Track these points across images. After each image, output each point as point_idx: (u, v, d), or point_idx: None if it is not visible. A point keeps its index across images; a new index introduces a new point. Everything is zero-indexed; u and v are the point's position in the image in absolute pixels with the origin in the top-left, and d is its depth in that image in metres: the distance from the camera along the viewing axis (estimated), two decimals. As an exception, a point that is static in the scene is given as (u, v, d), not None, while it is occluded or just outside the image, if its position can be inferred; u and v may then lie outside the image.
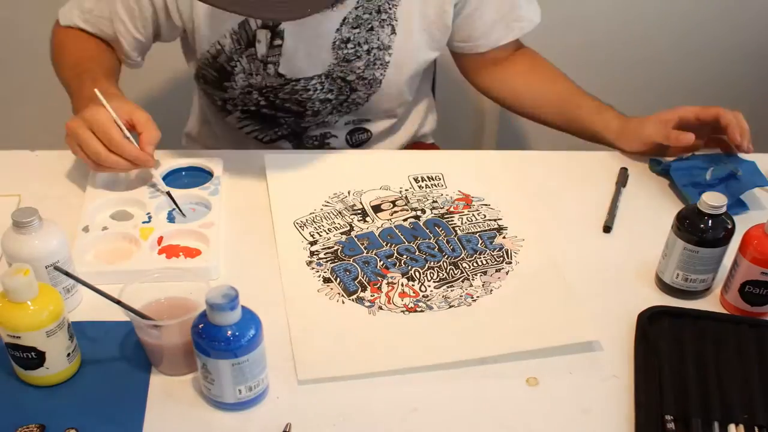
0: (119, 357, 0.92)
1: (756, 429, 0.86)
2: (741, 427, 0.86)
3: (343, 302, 1.00)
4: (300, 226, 1.11)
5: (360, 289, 1.02)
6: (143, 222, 1.09)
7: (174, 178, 1.19)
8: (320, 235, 1.10)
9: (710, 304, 1.03)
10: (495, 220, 1.16)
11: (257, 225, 1.13)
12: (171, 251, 1.06)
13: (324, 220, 1.12)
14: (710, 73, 2.28)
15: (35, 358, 0.85)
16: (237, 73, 1.31)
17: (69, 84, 1.26)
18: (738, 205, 1.17)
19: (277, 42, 1.28)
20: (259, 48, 1.28)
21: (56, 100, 2.22)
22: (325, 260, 1.06)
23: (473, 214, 1.16)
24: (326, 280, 1.03)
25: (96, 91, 1.10)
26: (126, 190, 1.15)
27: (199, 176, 1.20)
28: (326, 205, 1.15)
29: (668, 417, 0.86)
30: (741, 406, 0.88)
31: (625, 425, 0.87)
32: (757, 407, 0.88)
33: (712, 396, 0.89)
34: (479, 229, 1.14)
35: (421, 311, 1.00)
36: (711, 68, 2.28)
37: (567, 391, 0.91)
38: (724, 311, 1.02)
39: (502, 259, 1.09)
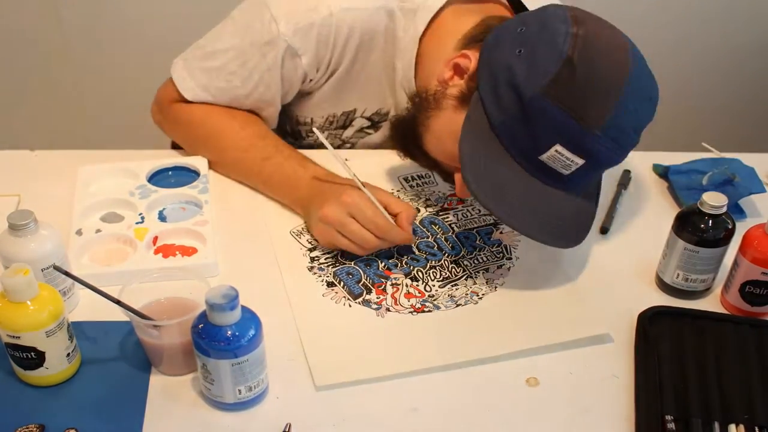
0: (119, 357, 0.92)
1: (756, 429, 0.86)
2: (741, 427, 0.86)
3: (350, 305, 1.00)
4: (296, 235, 1.11)
5: (365, 292, 1.02)
6: (137, 223, 1.09)
7: (161, 178, 1.19)
8: (318, 241, 1.09)
9: (710, 304, 1.03)
10: (490, 214, 1.16)
11: (251, 223, 1.13)
12: (167, 250, 1.06)
13: None
14: (710, 73, 2.28)
15: (35, 358, 0.85)
16: (306, 134, 1.30)
17: (257, 169, 1.17)
18: (735, 211, 1.17)
19: (369, 131, 1.29)
20: (348, 131, 1.29)
21: (56, 100, 2.23)
22: (326, 265, 1.06)
23: (468, 210, 1.17)
24: (330, 284, 1.03)
25: (354, 176, 1.06)
26: (113, 192, 1.15)
27: (185, 175, 1.20)
28: None
29: (668, 417, 0.86)
30: (741, 406, 0.88)
31: (625, 425, 0.87)
32: (758, 407, 0.88)
33: (713, 396, 0.89)
34: (476, 225, 1.14)
35: (429, 311, 1.00)
36: (711, 69, 2.28)
37: (567, 391, 0.91)
38: (725, 311, 1.02)
39: (501, 255, 1.09)
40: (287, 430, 0.84)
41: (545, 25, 0.96)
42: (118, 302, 0.86)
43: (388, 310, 1.00)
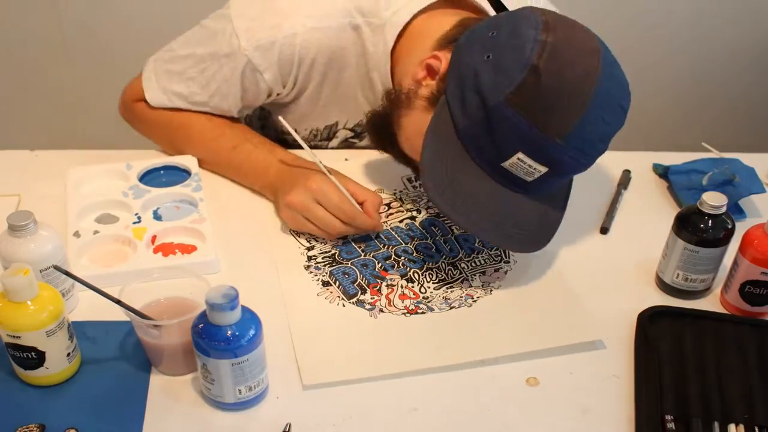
0: (119, 357, 0.92)
1: (756, 429, 0.86)
2: (741, 426, 0.86)
3: (344, 305, 1.00)
4: (296, 233, 1.11)
5: (360, 292, 1.02)
6: (134, 222, 1.09)
7: (152, 177, 1.19)
8: (317, 241, 1.09)
9: (710, 304, 1.03)
10: None
11: (246, 221, 1.13)
12: (166, 249, 1.06)
13: None
14: (711, 73, 2.28)
15: (35, 358, 0.85)
16: (292, 142, 1.29)
17: (226, 157, 1.19)
18: (735, 211, 1.17)
19: (354, 140, 1.29)
20: (333, 142, 1.29)
21: (56, 100, 2.23)
22: (323, 264, 1.06)
23: None
24: (325, 284, 1.03)
25: (320, 163, 1.08)
26: (105, 193, 1.14)
27: (177, 174, 1.20)
28: None
29: (668, 417, 0.86)
30: (741, 405, 0.88)
31: (625, 425, 0.87)
32: (757, 407, 0.88)
33: (712, 396, 0.89)
34: None
35: (422, 313, 1.00)
36: (711, 69, 2.28)
37: (567, 391, 0.91)
38: (724, 311, 1.02)
39: (500, 258, 1.09)
40: (287, 430, 0.84)
41: (515, 30, 0.95)
42: (118, 302, 0.86)
43: (381, 311, 1.00)
